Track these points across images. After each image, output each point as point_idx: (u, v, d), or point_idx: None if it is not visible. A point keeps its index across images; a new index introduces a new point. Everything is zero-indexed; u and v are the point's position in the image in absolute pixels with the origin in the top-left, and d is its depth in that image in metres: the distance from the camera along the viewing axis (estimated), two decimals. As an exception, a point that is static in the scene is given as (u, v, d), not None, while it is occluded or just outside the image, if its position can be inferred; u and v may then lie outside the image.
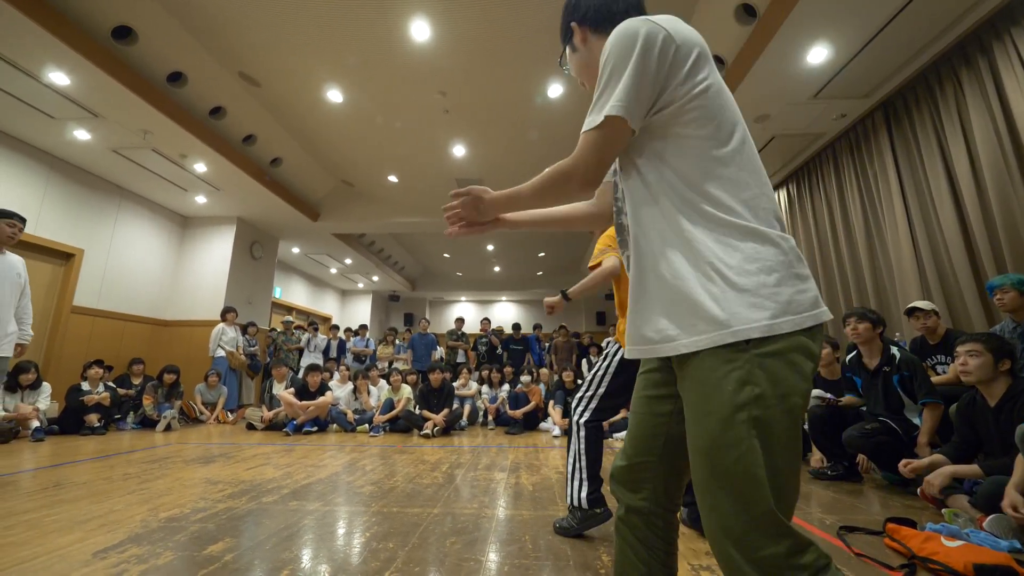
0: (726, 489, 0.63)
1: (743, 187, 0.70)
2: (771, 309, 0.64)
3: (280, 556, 1.56)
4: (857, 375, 2.91)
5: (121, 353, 5.91)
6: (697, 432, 0.67)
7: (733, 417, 0.63)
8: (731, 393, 0.64)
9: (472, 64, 4.47)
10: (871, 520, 1.97)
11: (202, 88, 4.65)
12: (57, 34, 3.41)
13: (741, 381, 0.63)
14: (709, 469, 0.65)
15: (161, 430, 4.96)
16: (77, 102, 4.18)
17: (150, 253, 6.46)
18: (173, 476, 2.76)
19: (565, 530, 1.79)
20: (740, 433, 0.62)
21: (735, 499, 0.62)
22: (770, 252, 0.67)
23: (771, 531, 0.61)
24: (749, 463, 0.62)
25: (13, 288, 2.71)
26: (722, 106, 0.73)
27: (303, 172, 6.60)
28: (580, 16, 0.92)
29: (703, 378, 0.67)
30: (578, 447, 1.84)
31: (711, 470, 0.65)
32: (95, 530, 1.79)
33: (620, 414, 4.88)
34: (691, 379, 0.69)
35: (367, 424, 5.12)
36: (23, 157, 4.85)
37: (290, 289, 10.54)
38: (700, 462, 0.67)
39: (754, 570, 0.61)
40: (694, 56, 0.72)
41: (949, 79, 3.54)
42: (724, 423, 0.64)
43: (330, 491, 2.45)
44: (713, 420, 0.65)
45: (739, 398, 0.63)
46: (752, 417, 0.62)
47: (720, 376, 0.65)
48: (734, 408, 0.63)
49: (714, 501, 0.65)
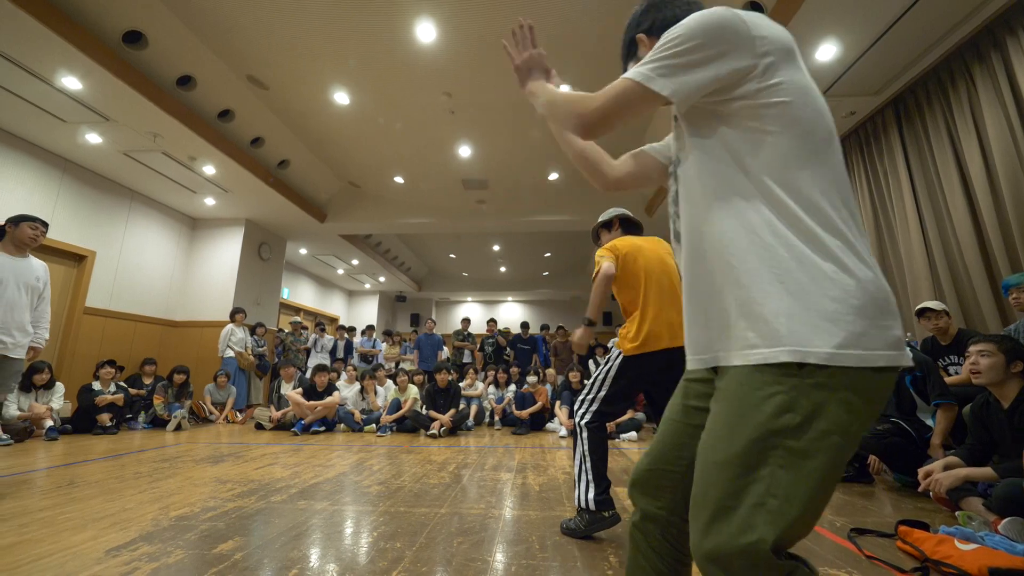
0: (729, 509, 0.59)
1: (835, 204, 0.64)
2: (839, 337, 0.58)
3: (289, 555, 1.57)
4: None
5: (132, 353, 5.98)
6: (718, 445, 0.63)
7: (763, 441, 0.59)
8: (769, 416, 0.59)
9: (478, 65, 4.48)
10: (882, 522, 1.95)
11: (211, 91, 4.70)
12: (69, 39, 3.46)
13: (783, 406, 0.59)
14: (717, 485, 0.61)
15: (171, 430, 5.02)
16: (89, 106, 4.24)
17: (160, 255, 6.54)
18: (183, 475, 2.79)
19: (572, 531, 1.79)
20: (765, 459, 0.59)
21: (736, 522, 0.59)
22: (857, 278, 0.61)
23: (760, 563, 0.58)
24: (763, 491, 0.58)
25: (31, 291, 2.73)
26: (815, 111, 0.68)
27: (310, 174, 6.65)
28: (647, 27, 0.90)
29: (742, 394, 0.62)
30: (583, 448, 1.84)
31: (720, 486, 0.61)
32: (108, 528, 1.82)
33: (627, 415, 4.86)
34: (728, 391, 0.65)
35: (374, 424, 5.15)
36: (37, 161, 4.93)
37: (298, 290, 10.61)
38: (710, 476, 0.63)
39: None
40: (776, 52, 0.68)
41: (961, 75, 3.49)
42: (751, 444, 0.59)
43: (338, 491, 2.46)
44: (740, 438, 0.60)
45: (776, 423, 0.59)
46: (784, 446, 0.58)
47: (762, 395, 0.60)
48: (767, 432, 0.59)
49: (710, 518, 0.61)
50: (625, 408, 4.94)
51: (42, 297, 2.83)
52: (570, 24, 3.95)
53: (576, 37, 4.11)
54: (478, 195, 7.38)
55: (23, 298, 2.68)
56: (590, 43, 4.18)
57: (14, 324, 2.61)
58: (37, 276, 2.78)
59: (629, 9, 0.96)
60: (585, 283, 12.66)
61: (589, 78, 4.68)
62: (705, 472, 0.64)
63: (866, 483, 2.74)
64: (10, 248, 2.71)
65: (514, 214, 7.59)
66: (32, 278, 2.74)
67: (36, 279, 2.76)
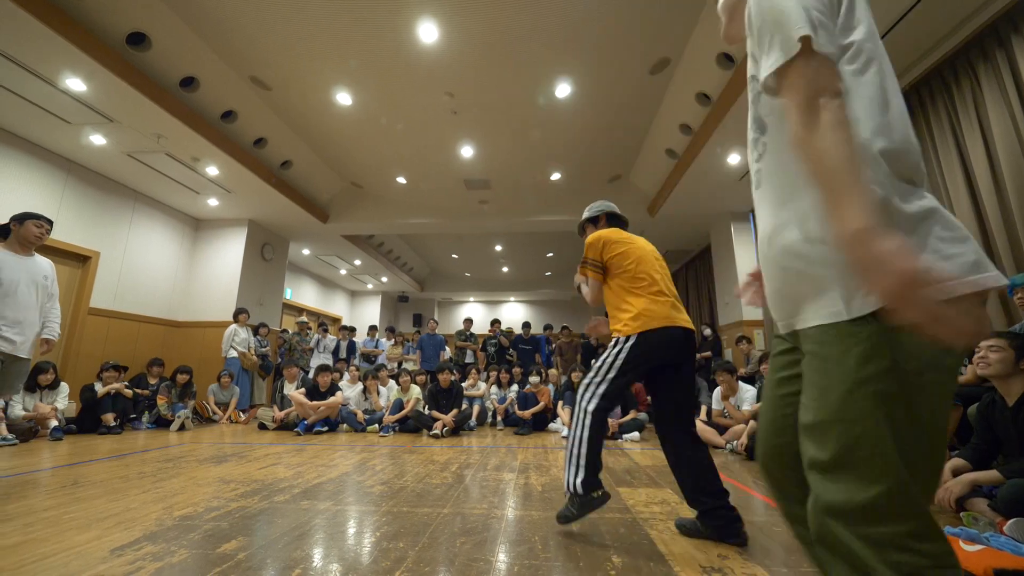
0: (846, 466, 0.60)
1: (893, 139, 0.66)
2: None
3: (292, 555, 1.58)
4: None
5: (136, 354, 6.01)
6: (815, 407, 0.64)
7: (856, 391, 0.60)
8: (854, 367, 0.60)
9: (480, 65, 4.48)
10: (887, 523, 1.94)
11: (214, 92, 4.72)
12: (73, 41, 3.48)
13: (865, 355, 0.60)
14: (827, 446, 0.62)
15: (175, 430, 5.04)
16: (93, 107, 4.26)
17: (164, 255, 6.56)
18: (187, 475, 2.80)
19: (567, 518, 1.80)
20: (865, 408, 0.59)
21: (857, 476, 0.59)
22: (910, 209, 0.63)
23: (895, 510, 0.58)
24: (874, 439, 0.59)
25: (40, 291, 2.73)
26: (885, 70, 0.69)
27: (313, 174, 6.66)
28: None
29: (823, 353, 0.64)
30: (580, 433, 1.80)
31: (830, 447, 0.62)
32: (112, 528, 1.82)
33: (630, 414, 4.85)
34: (810, 353, 0.67)
35: (377, 424, 5.15)
36: (41, 162, 4.96)
37: (300, 290, 10.64)
38: (815, 438, 0.64)
39: (866, 546, 0.58)
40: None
41: (966, 73, 3.47)
42: (845, 397, 0.61)
43: (341, 491, 2.46)
44: (833, 395, 0.62)
45: (863, 372, 0.60)
46: (878, 392, 0.59)
47: (842, 350, 0.62)
48: (857, 382, 0.60)
49: (829, 479, 0.62)
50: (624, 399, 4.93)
51: (51, 295, 2.83)
52: (571, 25, 3.94)
53: (578, 36, 4.10)
54: (480, 195, 7.38)
55: (34, 297, 2.69)
56: (592, 42, 4.18)
57: (27, 323, 2.62)
58: (45, 275, 2.78)
59: (631, 9, 0.96)
60: (587, 283, 12.62)
61: (590, 77, 4.68)
62: (808, 436, 0.65)
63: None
64: (16, 247, 2.70)
65: (516, 214, 7.59)
66: (41, 276, 2.75)
67: (44, 277, 2.77)
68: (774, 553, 1.63)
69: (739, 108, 4.22)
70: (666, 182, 6.24)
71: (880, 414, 0.59)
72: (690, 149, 5.27)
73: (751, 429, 3.73)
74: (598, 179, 6.98)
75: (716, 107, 4.49)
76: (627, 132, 5.74)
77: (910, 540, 0.57)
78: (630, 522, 1.97)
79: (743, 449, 3.64)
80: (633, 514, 2.09)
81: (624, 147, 6.13)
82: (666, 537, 1.77)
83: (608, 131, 5.70)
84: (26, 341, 2.63)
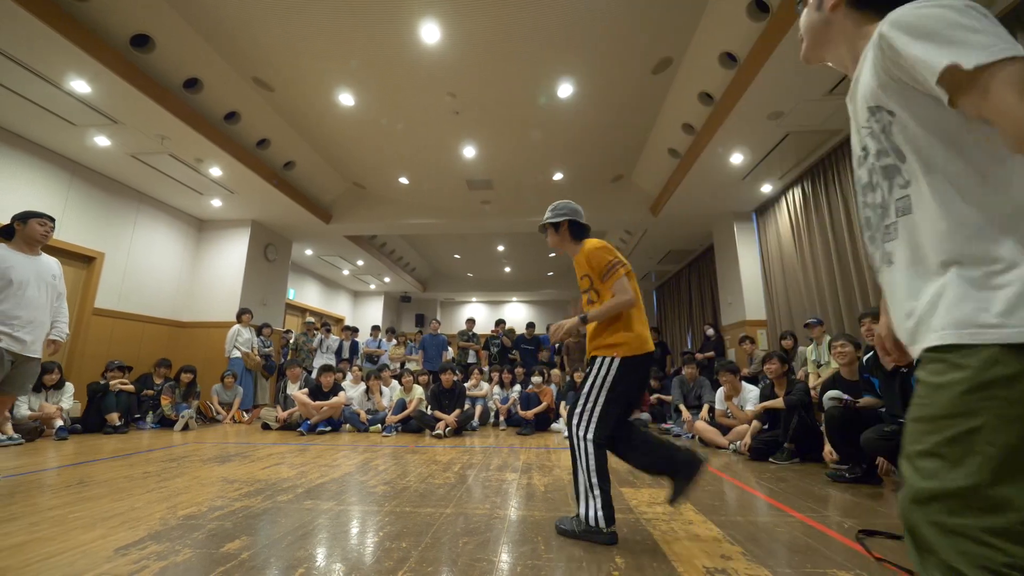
0: (947, 456, 0.61)
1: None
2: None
3: (295, 554, 1.58)
4: (875, 376, 2.86)
5: (141, 354, 6.04)
6: (925, 403, 0.65)
7: (971, 393, 0.60)
8: (975, 369, 0.60)
9: (481, 65, 4.48)
10: (892, 524, 1.93)
11: (217, 93, 4.74)
12: (78, 43, 3.50)
13: (991, 359, 0.60)
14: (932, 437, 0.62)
15: (179, 429, 5.06)
16: (97, 109, 4.28)
17: (168, 256, 6.59)
18: (191, 475, 2.81)
19: (566, 532, 1.79)
20: (976, 406, 0.59)
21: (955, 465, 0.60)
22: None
23: (984, 504, 0.58)
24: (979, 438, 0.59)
25: (49, 290, 2.72)
26: None
27: (316, 175, 6.68)
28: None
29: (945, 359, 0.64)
30: (587, 464, 1.77)
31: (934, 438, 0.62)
32: (117, 527, 1.83)
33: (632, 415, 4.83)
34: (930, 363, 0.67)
35: (380, 424, 5.16)
36: (46, 163, 4.99)
37: (303, 291, 10.67)
38: (920, 430, 0.65)
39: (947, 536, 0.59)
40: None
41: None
42: (960, 395, 0.61)
43: (344, 491, 2.47)
44: (946, 394, 0.62)
45: (984, 376, 0.60)
46: (994, 396, 0.59)
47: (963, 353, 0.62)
48: (975, 385, 0.60)
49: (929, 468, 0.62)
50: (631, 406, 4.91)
51: (60, 294, 2.82)
52: (573, 24, 3.94)
53: (580, 36, 4.10)
54: (482, 195, 7.39)
55: (43, 297, 2.67)
56: (594, 42, 4.18)
57: (37, 323, 2.61)
58: (54, 274, 2.77)
59: (632, 9, 0.95)
60: (590, 283, 12.61)
61: (592, 76, 4.67)
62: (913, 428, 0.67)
63: (874, 484, 2.71)
64: (22, 247, 2.68)
65: (518, 214, 7.59)
66: (49, 276, 2.74)
67: (53, 276, 2.76)
68: (778, 554, 1.62)
69: (742, 108, 4.21)
70: (668, 182, 6.22)
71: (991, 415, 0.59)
72: (692, 149, 5.26)
73: (754, 429, 3.72)
74: (600, 179, 6.98)
75: (719, 106, 4.48)
76: (629, 132, 5.73)
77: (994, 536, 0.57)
78: (633, 522, 1.97)
79: (746, 449, 3.62)
80: (636, 514, 2.09)
81: (626, 147, 6.12)
82: (669, 538, 1.77)
83: (610, 131, 5.69)
84: (36, 341, 2.62)
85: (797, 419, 3.42)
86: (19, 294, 2.56)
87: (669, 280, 11.04)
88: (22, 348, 2.55)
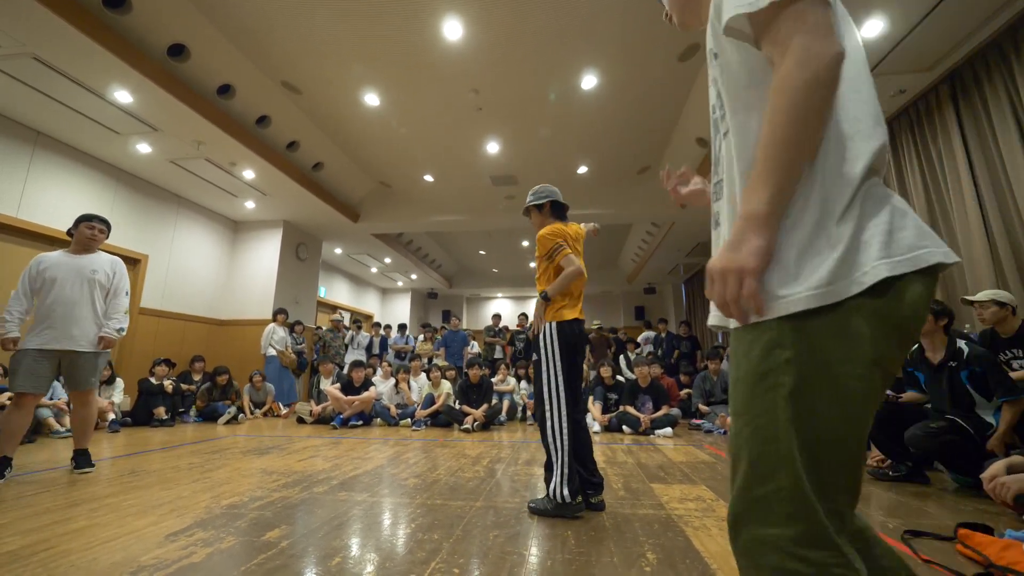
0: (744, 458, 0.60)
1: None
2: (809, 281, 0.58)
3: (331, 544, 1.63)
4: (919, 370, 2.72)
5: (183, 351, 6.33)
6: (732, 396, 0.65)
7: (760, 384, 0.59)
8: (757, 359, 0.59)
9: (504, 60, 4.47)
10: (940, 525, 1.84)
11: (248, 98, 4.89)
12: (120, 55, 3.67)
13: (769, 345, 0.59)
14: (738, 435, 0.62)
15: (222, 423, 5.27)
16: (139, 117, 4.49)
17: (206, 257, 6.88)
18: (232, 466, 2.94)
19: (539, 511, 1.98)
20: (768, 401, 0.58)
21: (750, 470, 0.59)
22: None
23: (784, 509, 0.56)
24: (771, 433, 0.57)
25: (91, 286, 2.81)
26: None
27: (343, 175, 6.82)
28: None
29: (735, 344, 0.65)
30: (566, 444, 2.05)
31: (739, 436, 0.62)
32: (166, 515, 1.94)
33: (663, 410, 4.77)
34: (731, 343, 0.68)
35: (409, 419, 5.26)
36: (93, 171, 5.28)
37: (333, 288, 10.94)
38: (733, 426, 0.65)
39: (754, 546, 0.57)
40: None
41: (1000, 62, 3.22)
42: (752, 389, 0.60)
43: (376, 483, 2.53)
44: (742, 386, 0.62)
45: (765, 364, 0.59)
46: (779, 384, 0.57)
47: (749, 340, 0.61)
48: (760, 375, 0.59)
49: (737, 467, 0.61)
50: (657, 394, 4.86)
51: (113, 291, 2.91)
52: (596, 14, 3.87)
53: (603, 26, 4.03)
54: (507, 191, 7.38)
55: (84, 294, 2.78)
56: (618, 31, 4.10)
57: (72, 318, 2.71)
58: (94, 269, 2.84)
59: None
60: (616, 277, 12.47)
61: (617, 67, 4.59)
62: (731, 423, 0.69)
63: (920, 483, 2.59)
64: (75, 248, 2.86)
65: (543, 209, 7.53)
66: (89, 271, 2.81)
67: (92, 271, 2.82)
68: (817, 553, 1.57)
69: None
70: (697, 172, 6.05)
71: (779, 408, 0.57)
72: (722, 137, 5.09)
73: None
74: (626, 171, 6.86)
75: (749, 92, 4.32)
76: (656, 121, 5.61)
77: (795, 546, 0.54)
78: (664, 519, 1.94)
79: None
80: (667, 511, 2.06)
81: (653, 137, 6.00)
82: (702, 535, 1.74)
83: (636, 121, 5.59)
84: (75, 335, 2.72)
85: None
86: (52, 293, 2.70)
87: (698, 273, 10.79)
88: (60, 343, 2.67)
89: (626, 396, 5.04)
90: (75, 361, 2.76)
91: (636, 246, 10.14)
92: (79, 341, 2.75)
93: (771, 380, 0.58)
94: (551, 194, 2.35)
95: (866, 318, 0.56)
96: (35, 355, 2.63)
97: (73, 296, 2.76)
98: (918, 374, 2.74)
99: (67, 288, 2.75)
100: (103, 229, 2.94)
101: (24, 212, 4.57)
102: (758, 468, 0.58)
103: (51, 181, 4.84)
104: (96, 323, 2.83)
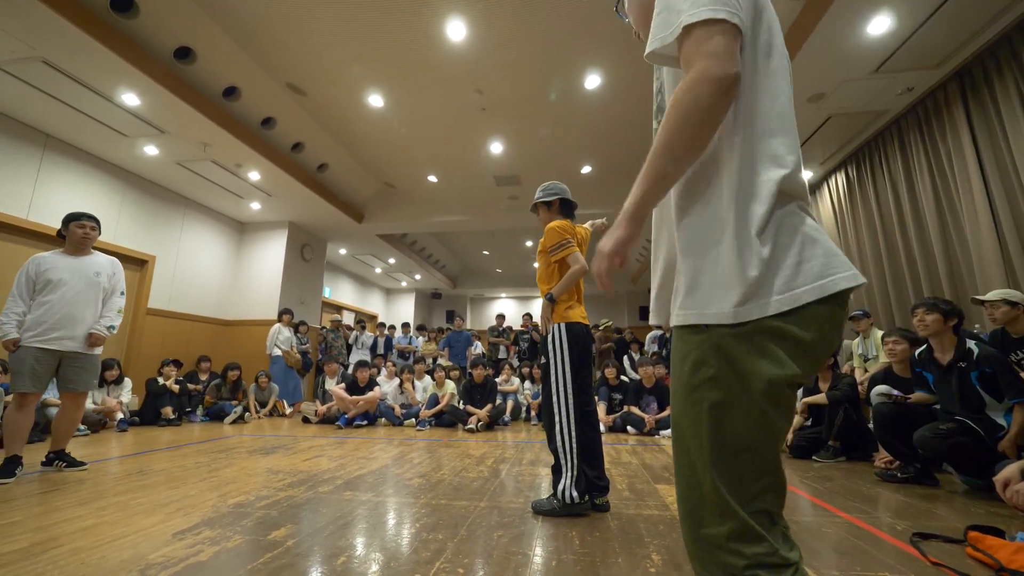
0: (682, 464, 0.67)
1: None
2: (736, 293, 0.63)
3: (337, 543, 1.64)
4: (928, 371, 2.69)
5: (190, 351, 6.38)
6: (671, 405, 0.72)
7: (689, 397, 0.65)
8: (688, 373, 0.66)
9: (507, 60, 4.47)
10: (949, 527, 1.82)
11: (254, 100, 4.92)
12: (128, 59, 3.70)
13: (697, 362, 0.65)
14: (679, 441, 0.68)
15: (229, 423, 5.30)
16: (146, 120, 4.53)
17: (212, 257, 6.93)
18: (238, 465, 2.95)
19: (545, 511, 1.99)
20: (695, 413, 0.64)
21: (688, 475, 0.65)
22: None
23: (716, 510, 0.62)
24: (698, 443, 0.64)
25: (94, 287, 2.81)
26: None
27: (348, 176, 6.85)
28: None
29: (674, 352, 0.70)
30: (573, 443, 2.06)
31: (679, 443, 0.68)
32: (173, 513, 1.95)
33: (667, 411, 4.75)
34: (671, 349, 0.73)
35: (414, 419, 5.27)
36: (102, 173, 5.33)
37: (338, 289, 10.99)
38: (673, 433, 0.70)
39: (697, 545, 0.64)
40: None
41: None
42: (683, 401, 0.66)
43: (381, 483, 2.54)
44: (676, 398, 0.68)
45: (694, 379, 0.65)
46: (705, 398, 0.63)
47: (682, 354, 0.67)
48: (690, 388, 0.65)
49: (678, 474, 0.68)
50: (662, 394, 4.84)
51: (110, 291, 2.91)
52: (600, 13, 3.87)
53: (606, 25, 4.02)
54: (510, 191, 7.39)
55: (84, 294, 2.78)
56: (621, 30, 4.09)
57: (71, 319, 2.72)
58: (96, 271, 2.84)
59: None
60: (621, 277, 12.44)
61: (621, 66, 4.58)
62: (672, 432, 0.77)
63: (929, 485, 2.57)
64: (71, 249, 2.83)
65: (547, 209, 7.53)
66: (92, 273, 2.82)
67: (95, 274, 2.83)
68: (824, 555, 1.56)
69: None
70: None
71: (704, 420, 0.63)
72: (727, 136, 5.07)
73: (795, 424, 3.58)
74: (630, 171, 6.84)
75: (754, 91, 4.30)
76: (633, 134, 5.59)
77: (729, 542, 0.61)
78: (669, 519, 1.94)
79: (786, 446, 3.50)
80: (672, 511, 2.05)
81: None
82: (707, 536, 1.73)
83: (640, 121, 5.57)
84: (74, 336, 2.72)
85: (843, 415, 3.27)
86: (56, 294, 2.70)
87: (703, 273, 10.74)
88: (72, 345, 2.69)
89: (630, 396, 5.03)
90: (76, 362, 2.77)
91: (640, 246, 10.12)
92: (82, 342, 2.77)
93: (697, 395, 0.64)
94: (561, 191, 2.37)
95: (776, 341, 0.61)
96: (37, 354, 2.64)
97: (78, 298, 2.77)
98: (927, 375, 2.71)
99: (73, 290, 2.76)
100: (94, 227, 2.91)
101: (34, 214, 4.62)
102: (691, 474, 0.65)
103: (60, 183, 4.89)
104: (89, 324, 2.83)
